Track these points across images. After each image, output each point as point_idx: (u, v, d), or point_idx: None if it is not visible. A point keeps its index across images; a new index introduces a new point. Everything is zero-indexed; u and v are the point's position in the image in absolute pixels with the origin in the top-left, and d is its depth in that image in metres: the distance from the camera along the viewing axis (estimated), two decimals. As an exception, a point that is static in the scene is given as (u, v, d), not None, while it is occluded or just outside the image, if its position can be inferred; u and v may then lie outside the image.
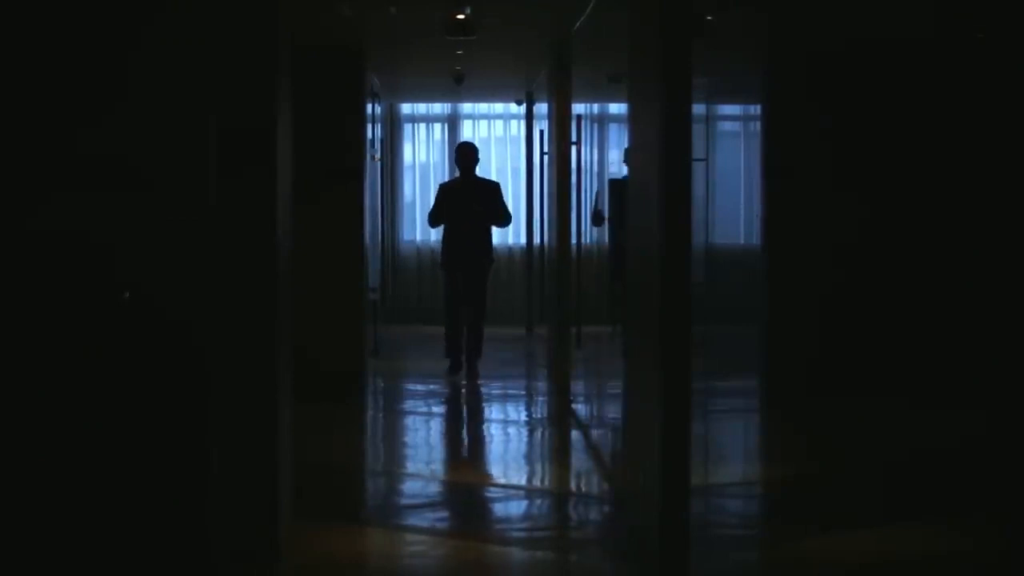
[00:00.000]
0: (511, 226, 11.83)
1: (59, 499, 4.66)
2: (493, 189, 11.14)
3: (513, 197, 14.71)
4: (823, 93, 10.19)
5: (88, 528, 4.67)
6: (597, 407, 9.63)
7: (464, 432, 8.80)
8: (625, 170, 7.67)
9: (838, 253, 10.15)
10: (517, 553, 5.77)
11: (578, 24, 9.15)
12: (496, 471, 7.62)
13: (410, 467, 7.63)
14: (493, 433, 8.51)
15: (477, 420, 9.36)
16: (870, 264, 10.15)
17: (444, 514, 6.58)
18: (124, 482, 4.67)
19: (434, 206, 11.23)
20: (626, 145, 6.04)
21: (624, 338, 6.08)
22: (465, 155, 11.11)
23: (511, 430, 8.83)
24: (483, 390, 9.91)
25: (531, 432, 8.93)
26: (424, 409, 9.68)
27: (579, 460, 7.89)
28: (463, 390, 9.76)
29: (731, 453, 8.51)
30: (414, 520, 6.33)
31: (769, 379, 10.40)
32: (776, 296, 10.19)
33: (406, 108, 16.25)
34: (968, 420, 8.98)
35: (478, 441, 8.60)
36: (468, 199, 10.94)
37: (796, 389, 10.13)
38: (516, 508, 6.77)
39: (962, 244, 9.92)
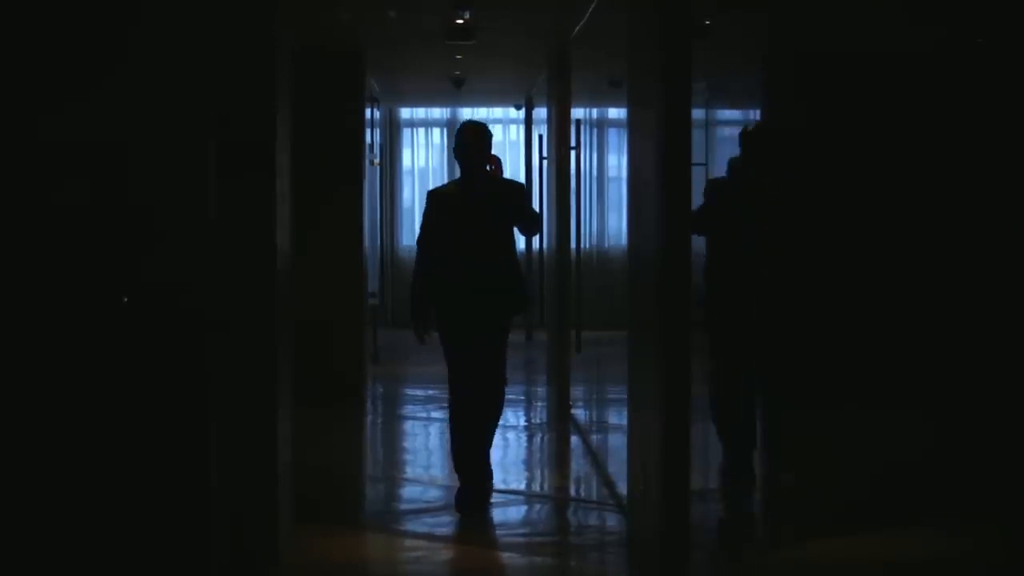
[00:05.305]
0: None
1: (60, 501, 4.65)
2: (517, 191, 6.75)
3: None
4: (822, 98, 10.17)
5: (89, 529, 4.66)
6: (596, 412, 9.59)
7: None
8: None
9: (835, 258, 10.12)
10: (516, 558, 5.75)
11: (578, 28, 9.13)
12: (495, 476, 7.60)
13: (409, 472, 7.62)
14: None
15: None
16: (868, 268, 10.12)
17: (443, 519, 6.55)
18: (125, 484, 4.66)
19: (423, 225, 6.70)
20: (626, 148, 6.01)
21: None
22: (471, 139, 6.58)
23: (510, 435, 8.80)
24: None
25: (530, 437, 8.91)
26: (423, 414, 9.66)
27: (578, 465, 7.87)
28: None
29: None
30: (413, 525, 6.31)
31: (768, 384, 10.35)
32: (774, 300, 10.14)
33: (405, 112, 16.25)
34: (966, 423, 8.95)
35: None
36: (478, 209, 6.55)
37: (795, 393, 10.09)
38: (515, 513, 6.75)
39: (962, 250, 9.89)
